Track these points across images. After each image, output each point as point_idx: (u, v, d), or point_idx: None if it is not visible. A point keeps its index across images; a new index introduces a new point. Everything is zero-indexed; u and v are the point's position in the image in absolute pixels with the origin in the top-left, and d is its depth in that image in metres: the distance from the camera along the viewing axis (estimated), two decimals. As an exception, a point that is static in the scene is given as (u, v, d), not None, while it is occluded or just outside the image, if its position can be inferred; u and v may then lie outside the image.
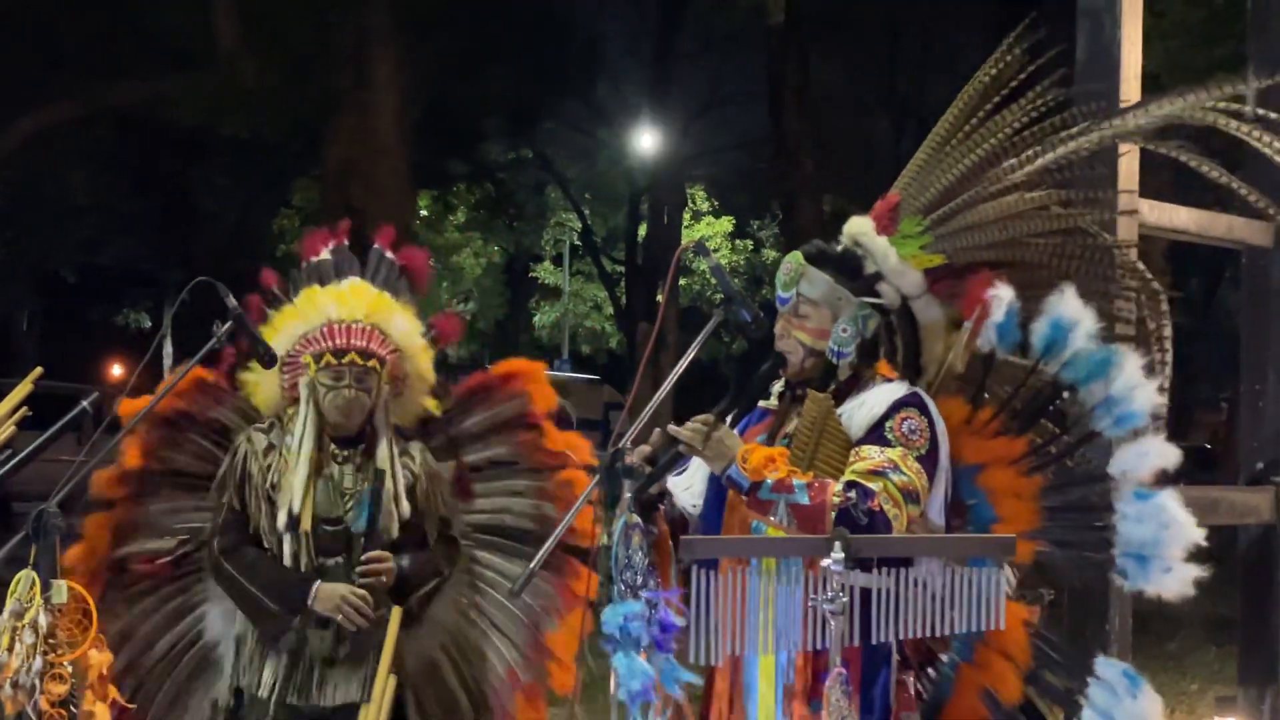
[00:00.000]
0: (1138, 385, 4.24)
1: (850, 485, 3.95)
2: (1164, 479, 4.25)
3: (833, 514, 3.86)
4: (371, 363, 5.08)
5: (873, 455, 4.05)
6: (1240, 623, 6.40)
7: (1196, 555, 4.20)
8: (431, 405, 5.37)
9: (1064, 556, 4.35)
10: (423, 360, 5.30)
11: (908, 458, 4.04)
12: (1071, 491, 4.38)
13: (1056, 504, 4.35)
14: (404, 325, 5.25)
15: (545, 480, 5.45)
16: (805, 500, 3.89)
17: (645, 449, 4.16)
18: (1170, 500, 4.21)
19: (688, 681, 3.85)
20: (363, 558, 4.97)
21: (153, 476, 5.35)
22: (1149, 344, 4.56)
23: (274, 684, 5.02)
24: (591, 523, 4.14)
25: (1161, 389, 4.32)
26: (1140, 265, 4.65)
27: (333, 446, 5.09)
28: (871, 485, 3.95)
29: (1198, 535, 4.20)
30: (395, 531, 5.05)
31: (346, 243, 5.52)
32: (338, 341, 5.11)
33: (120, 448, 5.23)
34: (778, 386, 4.42)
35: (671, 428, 4.05)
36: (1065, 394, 4.36)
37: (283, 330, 5.18)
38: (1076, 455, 4.44)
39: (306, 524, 4.98)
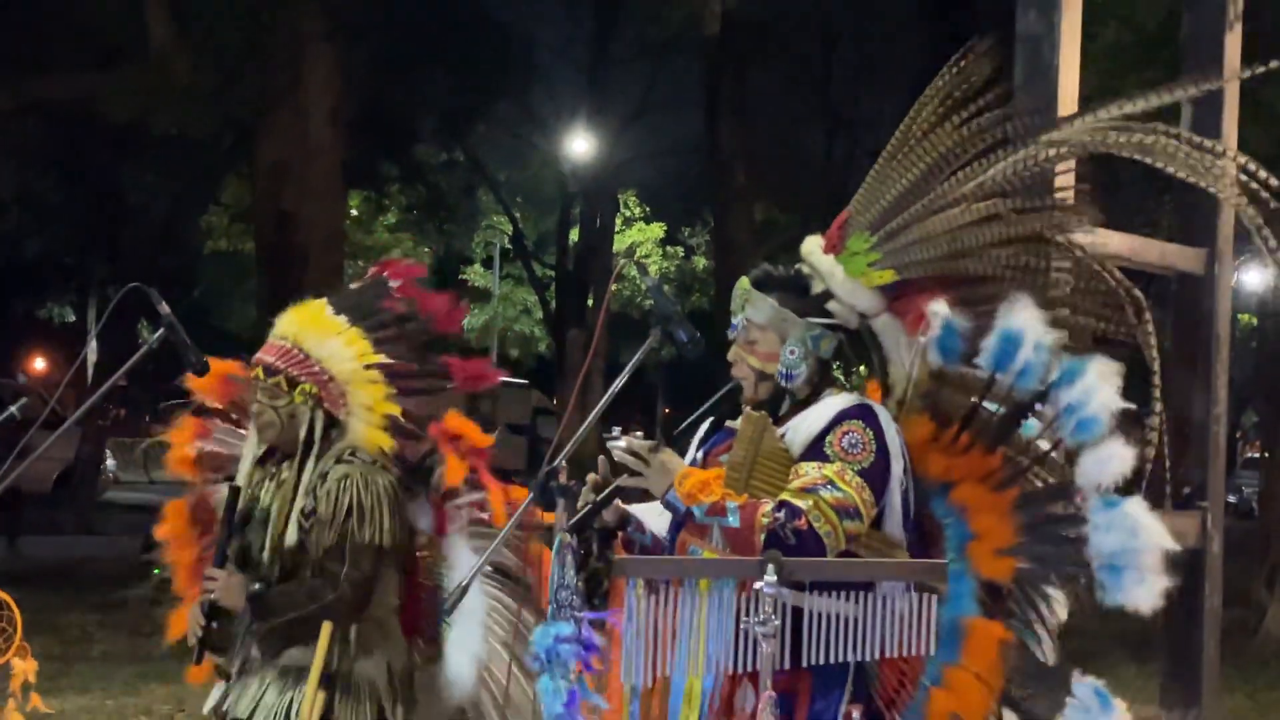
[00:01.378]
0: (1094, 390, 4.17)
1: (780, 505, 3.93)
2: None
3: (761, 535, 3.85)
4: (274, 380, 4.99)
5: (809, 472, 4.04)
6: (1165, 646, 6.45)
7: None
8: (384, 442, 5.05)
9: (1044, 572, 4.31)
10: (365, 389, 5.07)
11: (846, 472, 4.02)
12: (1043, 505, 4.34)
13: (1032, 518, 4.30)
14: (337, 350, 5.08)
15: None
16: (735, 523, 3.89)
17: (594, 478, 4.15)
18: (1136, 507, 4.16)
19: (596, 705, 3.83)
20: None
21: (217, 459, 5.39)
22: (1109, 351, 4.49)
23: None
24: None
25: (1155, 395, 4.30)
26: (1117, 272, 4.62)
27: (282, 467, 5.06)
28: (800, 503, 3.93)
29: (1166, 542, 4.15)
30: (266, 557, 4.98)
31: (391, 281, 5.39)
32: (255, 356, 5.09)
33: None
34: (748, 407, 4.39)
35: (616, 449, 4.04)
36: (1035, 406, 4.31)
37: None
38: (1055, 468, 4.39)
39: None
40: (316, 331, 5.11)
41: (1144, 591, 4.14)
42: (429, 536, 5.25)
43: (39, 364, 45.82)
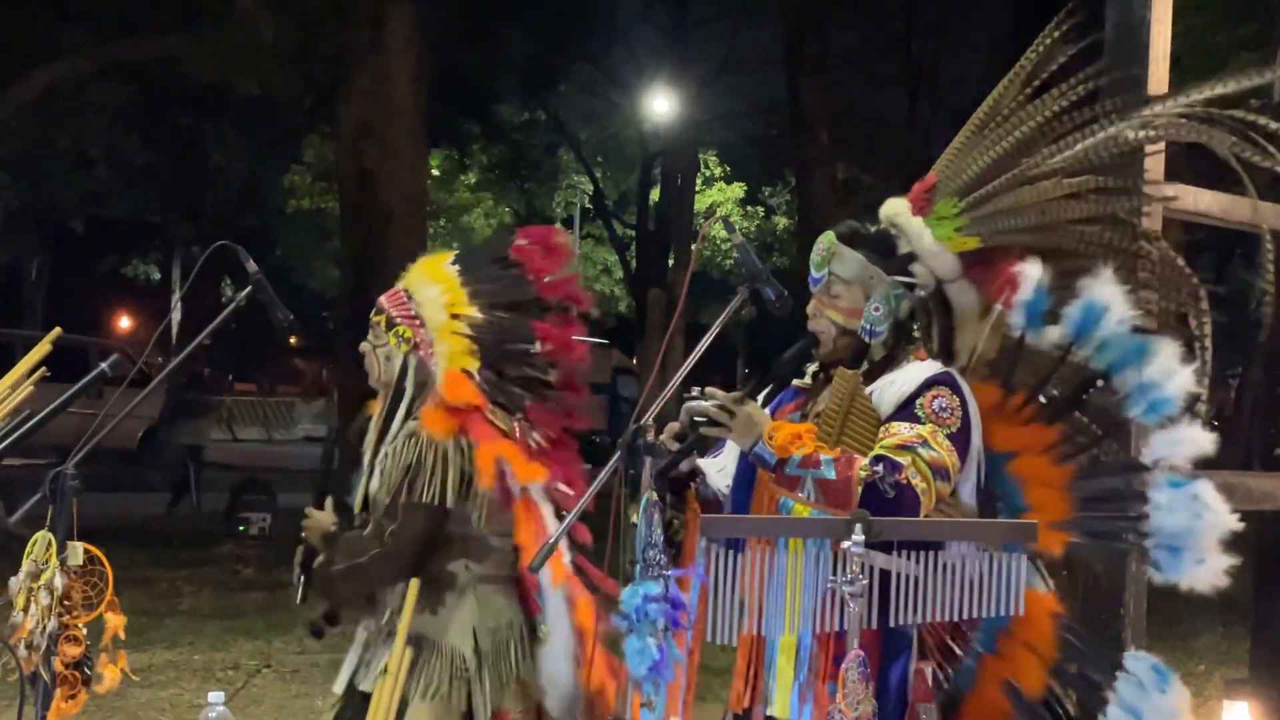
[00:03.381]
0: (1172, 372, 4.15)
1: (878, 459, 3.91)
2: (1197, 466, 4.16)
3: (859, 488, 3.83)
4: (378, 319, 5.01)
5: (902, 431, 4.01)
6: (1254, 608, 6.39)
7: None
8: (469, 395, 4.90)
9: (1096, 547, 4.29)
10: (447, 339, 4.97)
11: (938, 434, 4.00)
12: (1104, 480, 4.29)
13: (1088, 493, 4.26)
14: (434, 298, 5.03)
15: None
16: (832, 475, 3.86)
17: (674, 426, 4.14)
18: (1204, 489, 4.11)
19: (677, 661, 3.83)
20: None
21: None
22: (1178, 335, 4.47)
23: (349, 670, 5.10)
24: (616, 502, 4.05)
25: (1201, 382, 4.26)
26: (1180, 260, 4.54)
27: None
28: (899, 459, 3.92)
29: (1234, 524, 4.11)
30: (358, 507, 4.99)
31: (522, 242, 5.23)
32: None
33: None
34: (812, 366, 4.39)
35: (698, 404, 4.03)
36: (1099, 382, 4.28)
37: None
38: (1104, 445, 4.37)
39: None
40: (424, 278, 5.10)
41: (1204, 571, 4.11)
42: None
43: (124, 322, 46.32)
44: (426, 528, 4.87)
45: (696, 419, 4.03)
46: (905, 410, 4.07)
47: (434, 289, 5.05)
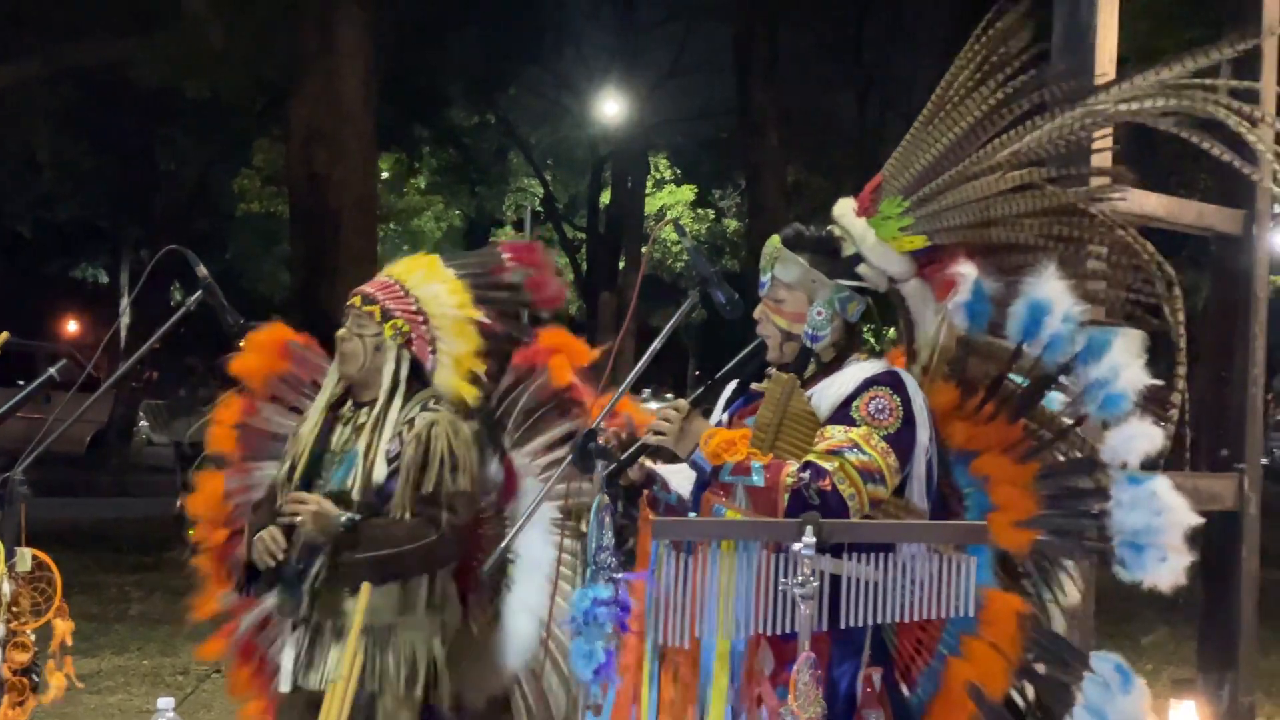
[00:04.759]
0: (1122, 367, 4.15)
1: (805, 466, 3.92)
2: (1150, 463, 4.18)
3: (785, 495, 3.84)
4: (370, 308, 5.01)
5: (835, 435, 4.00)
6: (1201, 609, 6.42)
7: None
8: (468, 393, 5.12)
9: (1062, 545, 4.29)
10: (459, 338, 5.13)
11: (872, 436, 3.99)
12: (1066, 478, 4.30)
13: (1052, 491, 4.27)
14: (440, 294, 5.13)
15: None
16: (760, 482, 3.87)
17: (622, 432, 4.14)
18: (1162, 486, 4.15)
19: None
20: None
21: (261, 438, 5.38)
22: (1136, 325, 4.44)
23: (290, 669, 5.02)
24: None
25: (1178, 372, 4.27)
26: (1150, 246, 4.47)
27: (360, 413, 5.05)
28: (826, 465, 3.91)
29: (1194, 521, 4.15)
30: (358, 494, 4.90)
31: (505, 254, 5.45)
32: (357, 289, 5.12)
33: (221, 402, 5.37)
34: (773, 370, 4.38)
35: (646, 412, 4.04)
36: (1063, 378, 4.28)
37: None
38: (1071, 441, 4.36)
39: (294, 481, 4.95)
40: (423, 273, 5.15)
41: (1166, 569, 4.14)
42: (496, 498, 5.26)
43: (72, 326, 45.99)
44: (470, 515, 4.99)
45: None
46: (841, 413, 4.07)
47: (438, 287, 5.11)
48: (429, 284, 5.12)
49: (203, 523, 5.48)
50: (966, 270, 4.25)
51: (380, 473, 4.89)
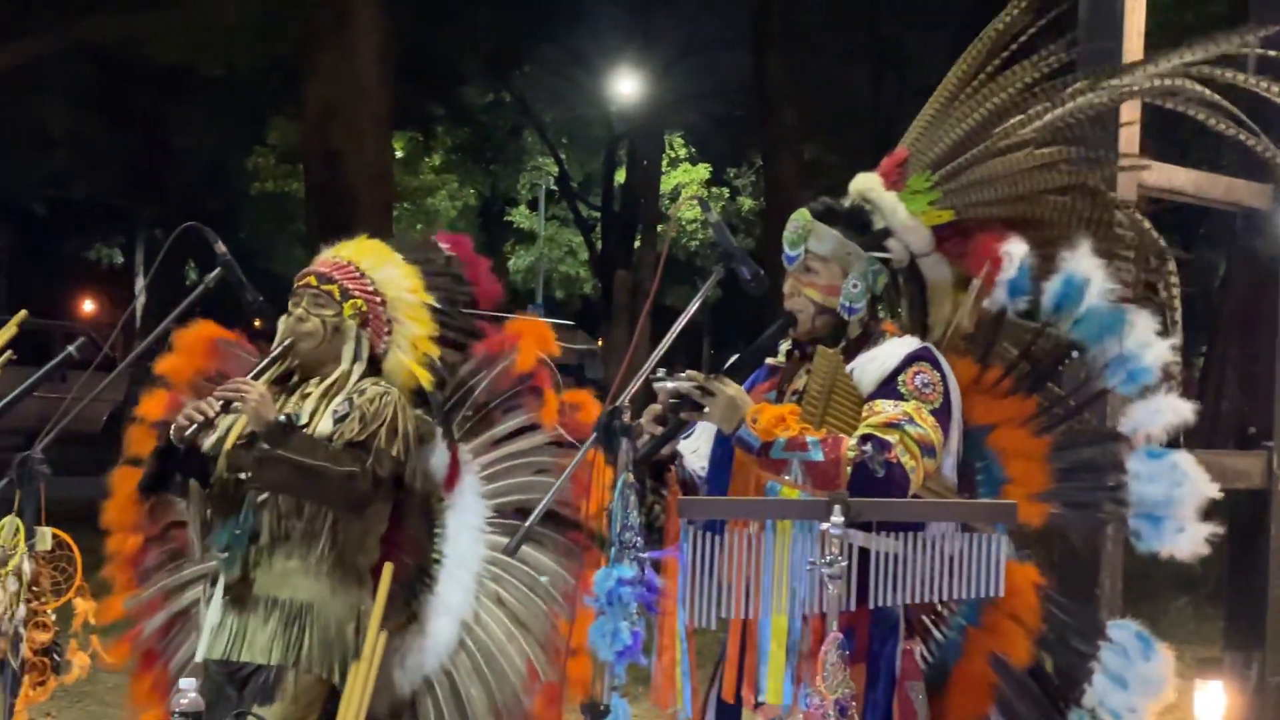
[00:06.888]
0: (1150, 343, 4.19)
1: (865, 439, 3.89)
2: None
3: (848, 469, 3.81)
4: (328, 288, 4.94)
5: (887, 409, 3.98)
6: (1227, 588, 6.40)
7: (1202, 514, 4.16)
8: (422, 376, 5.05)
9: (1077, 518, 4.32)
10: (415, 322, 5.07)
11: (922, 410, 3.98)
12: (1082, 451, 4.32)
13: (1067, 464, 4.29)
14: (395, 277, 5.08)
15: (570, 455, 4.93)
16: (819, 457, 3.82)
17: (656, 408, 4.09)
18: (1182, 458, 4.16)
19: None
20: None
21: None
22: (1151, 305, 4.48)
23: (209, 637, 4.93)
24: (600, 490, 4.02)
25: (1174, 349, 4.28)
26: (1148, 224, 4.58)
27: (309, 384, 4.97)
28: (887, 437, 3.90)
29: (1211, 491, 4.16)
30: None
31: (443, 244, 5.41)
32: (306, 268, 5.05)
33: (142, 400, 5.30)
34: (785, 345, 4.36)
35: (678, 385, 3.97)
36: (1073, 354, 4.31)
37: None
38: (1080, 416, 4.39)
39: (228, 446, 4.82)
40: (375, 256, 5.10)
41: (1184, 540, 4.15)
42: (437, 489, 5.17)
43: (87, 305, 46.06)
44: (392, 474, 4.84)
45: (673, 401, 3.99)
46: (888, 387, 4.04)
47: (392, 270, 5.06)
48: (383, 267, 5.07)
49: (116, 527, 5.37)
50: (1015, 247, 4.26)
51: (325, 428, 4.80)
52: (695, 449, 4.39)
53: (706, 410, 3.94)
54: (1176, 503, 4.14)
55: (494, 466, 5.20)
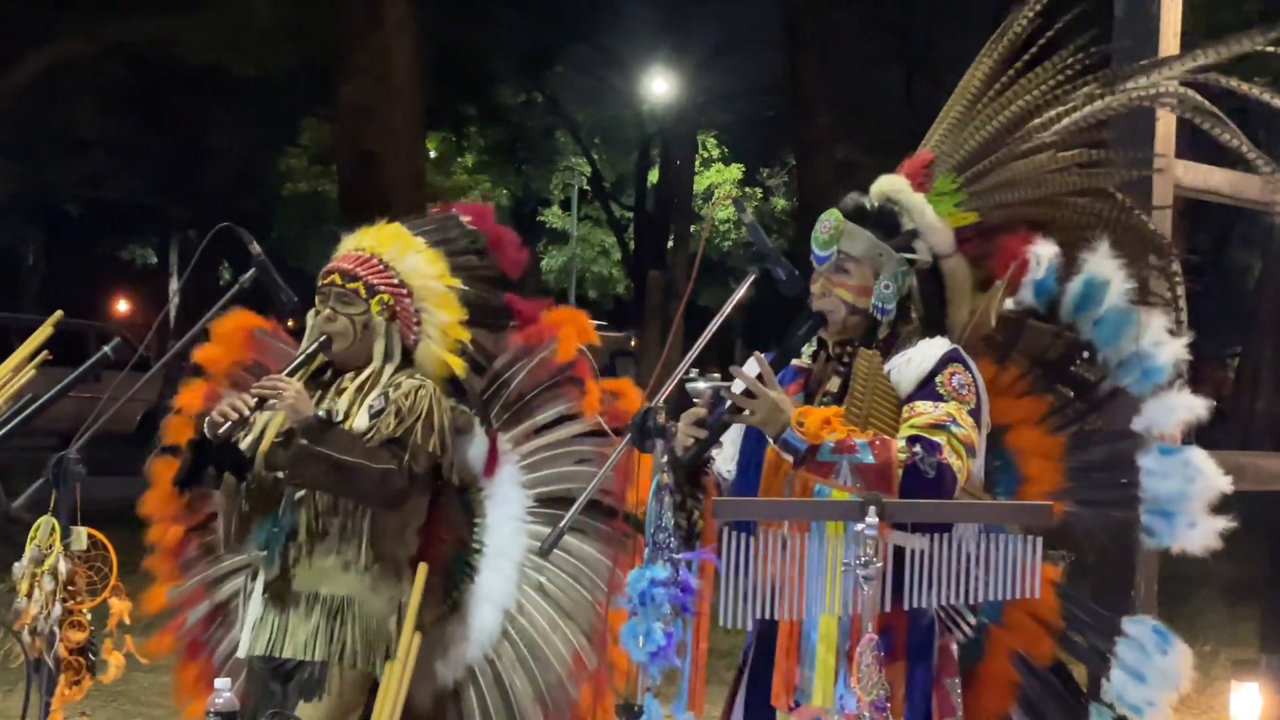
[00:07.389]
0: (1163, 342, 4.21)
1: (914, 440, 3.88)
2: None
3: (899, 470, 3.79)
4: (353, 285, 4.90)
5: (929, 410, 3.97)
6: (1264, 589, 6.37)
7: (1220, 510, 4.16)
8: (455, 365, 5.01)
9: (1091, 516, 4.30)
10: (444, 309, 5.01)
11: (961, 411, 3.97)
12: (1095, 450, 4.34)
13: (1080, 463, 4.31)
14: (418, 265, 5.01)
15: (611, 444, 4.96)
16: (870, 459, 3.80)
17: (698, 411, 4.07)
18: (1196, 454, 4.18)
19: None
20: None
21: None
22: (1166, 306, 4.47)
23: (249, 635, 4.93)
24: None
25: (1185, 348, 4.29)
26: (1149, 223, 4.56)
27: (343, 379, 4.94)
28: (936, 438, 3.88)
29: (1224, 485, 4.16)
30: None
31: (463, 217, 5.33)
32: (329, 265, 5.01)
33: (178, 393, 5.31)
34: (809, 346, 4.34)
35: (731, 385, 3.96)
36: (1085, 353, 4.34)
37: None
38: (1093, 415, 4.40)
39: (265, 444, 4.79)
40: (397, 245, 5.04)
41: (1196, 535, 4.16)
42: (475, 478, 5.15)
43: (121, 306, 46.26)
44: (424, 477, 4.85)
45: (716, 403, 3.98)
46: (926, 388, 4.03)
47: (416, 259, 5.01)
48: (406, 256, 5.01)
49: (156, 522, 5.41)
50: (1044, 249, 4.26)
51: (361, 424, 4.78)
52: (720, 451, 4.35)
53: (749, 413, 3.92)
54: (1189, 498, 4.15)
55: (534, 456, 5.18)
